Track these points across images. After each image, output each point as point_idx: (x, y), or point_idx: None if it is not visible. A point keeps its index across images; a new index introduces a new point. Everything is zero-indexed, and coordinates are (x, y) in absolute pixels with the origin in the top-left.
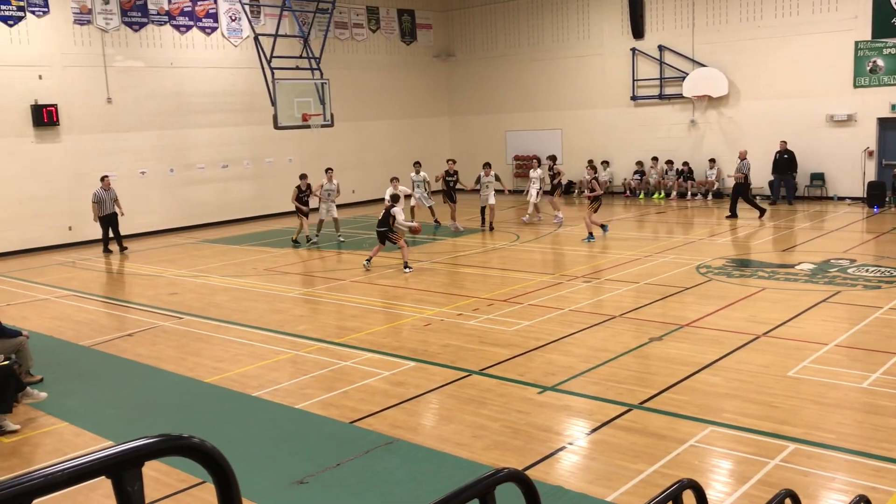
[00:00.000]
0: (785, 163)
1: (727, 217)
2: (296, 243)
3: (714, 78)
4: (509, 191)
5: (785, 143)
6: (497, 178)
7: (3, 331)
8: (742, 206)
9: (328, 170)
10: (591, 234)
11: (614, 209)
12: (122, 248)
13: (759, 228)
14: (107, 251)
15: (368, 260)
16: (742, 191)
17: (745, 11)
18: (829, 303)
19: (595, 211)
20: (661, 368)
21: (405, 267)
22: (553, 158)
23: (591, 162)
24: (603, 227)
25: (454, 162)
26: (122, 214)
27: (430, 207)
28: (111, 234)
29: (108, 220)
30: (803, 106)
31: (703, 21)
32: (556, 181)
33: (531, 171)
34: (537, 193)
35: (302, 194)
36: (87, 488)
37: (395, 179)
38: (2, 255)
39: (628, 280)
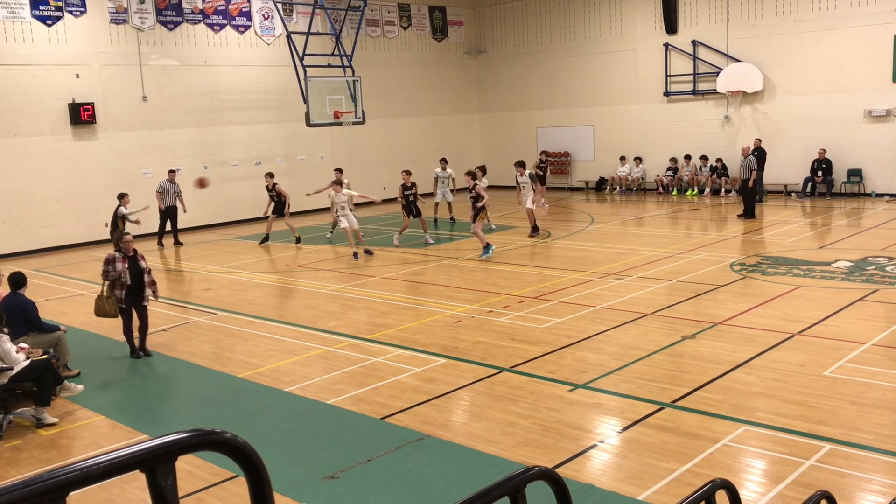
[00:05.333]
0: (755, 160)
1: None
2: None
3: (748, 73)
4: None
5: (759, 140)
6: (532, 178)
7: (42, 325)
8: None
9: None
10: (486, 246)
11: (647, 206)
12: (177, 243)
13: (795, 226)
14: (160, 244)
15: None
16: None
17: (780, 5)
18: (866, 301)
19: (481, 220)
20: (694, 367)
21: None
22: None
23: (470, 171)
24: (487, 246)
25: (409, 174)
26: (185, 211)
27: (448, 203)
28: (168, 228)
29: (168, 213)
30: (840, 101)
31: (737, 15)
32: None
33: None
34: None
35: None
36: (122, 481)
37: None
38: (40, 252)
39: (661, 277)
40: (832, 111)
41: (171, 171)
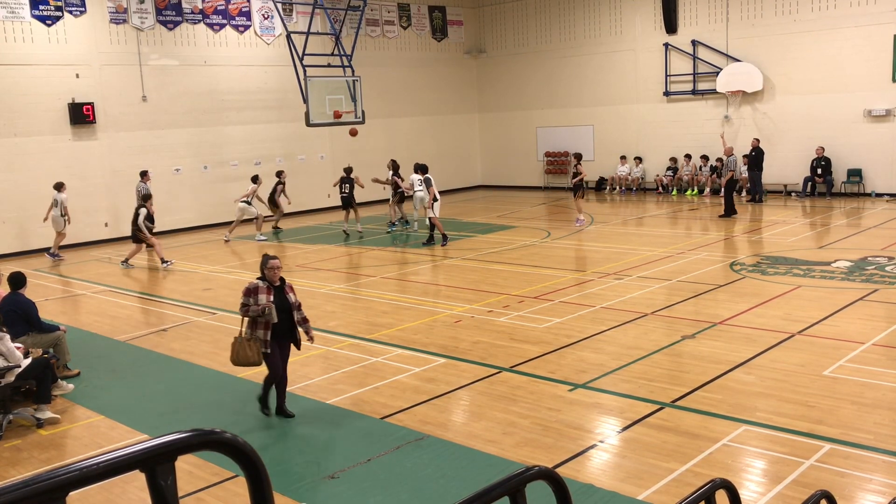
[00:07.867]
0: (752, 160)
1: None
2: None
3: (748, 73)
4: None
5: (757, 140)
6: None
7: (42, 325)
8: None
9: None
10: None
11: (647, 206)
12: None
13: (795, 226)
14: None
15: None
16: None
17: (780, 5)
18: (866, 301)
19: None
20: (694, 367)
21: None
22: (578, 157)
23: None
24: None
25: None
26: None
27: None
28: None
29: None
30: (840, 101)
31: (737, 15)
32: (576, 180)
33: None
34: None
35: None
36: (122, 481)
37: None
38: (40, 251)
39: (660, 277)
40: (832, 111)
41: (145, 173)
